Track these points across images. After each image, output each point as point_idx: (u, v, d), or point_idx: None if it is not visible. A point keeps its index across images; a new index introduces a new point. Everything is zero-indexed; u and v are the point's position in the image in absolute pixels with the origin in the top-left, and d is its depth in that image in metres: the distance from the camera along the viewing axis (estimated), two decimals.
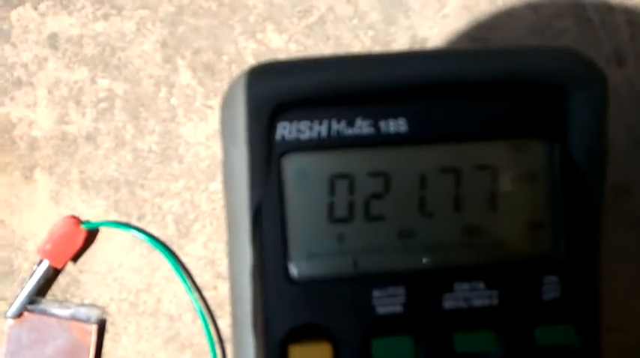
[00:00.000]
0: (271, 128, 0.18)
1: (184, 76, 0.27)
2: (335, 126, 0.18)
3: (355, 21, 0.27)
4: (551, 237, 0.19)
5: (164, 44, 0.27)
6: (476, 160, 0.19)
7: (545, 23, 0.27)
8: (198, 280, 0.27)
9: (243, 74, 0.17)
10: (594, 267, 0.19)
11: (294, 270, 0.19)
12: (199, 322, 0.26)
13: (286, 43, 0.27)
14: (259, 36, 0.27)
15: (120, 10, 0.27)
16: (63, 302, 0.26)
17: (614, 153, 0.28)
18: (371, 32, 0.27)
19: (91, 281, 0.27)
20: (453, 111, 0.18)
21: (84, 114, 0.27)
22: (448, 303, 0.18)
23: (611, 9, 0.28)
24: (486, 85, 0.18)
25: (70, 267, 0.27)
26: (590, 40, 0.27)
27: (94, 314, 0.26)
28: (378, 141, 0.18)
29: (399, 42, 0.27)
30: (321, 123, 0.18)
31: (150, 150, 0.27)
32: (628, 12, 0.28)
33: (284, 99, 0.18)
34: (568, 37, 0.27)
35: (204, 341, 0.26)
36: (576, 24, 0.27)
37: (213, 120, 0.27)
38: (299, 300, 0.18)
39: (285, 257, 0.18)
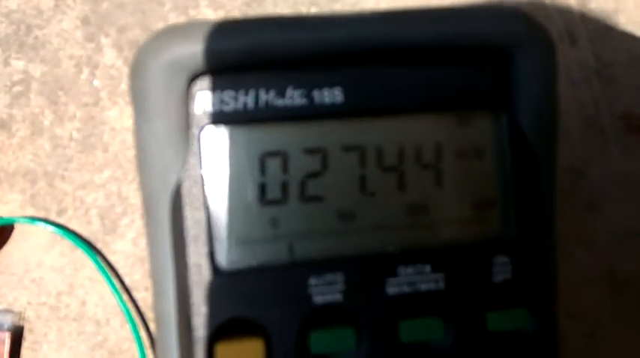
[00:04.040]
0: (189, 98, 0.16)
1: (109, 56, 0.25)
2: (263, 96, 0.16)
3: None
4: (501, 215, 0.17)
5: (86, 21, 0.25)
6: (419, 134, 0.17)
7: (498, 0, 0.26)
8: (127, 280, 0.24)
9: (153, 37, 0.15)
10: (547, 246, 0.17)
11: (220, 259, 0.17)
12: (129, 326, 0.24)
13: None
14: (192, 12, 0.25)
15: None
16: None
17: (568, 134, 0.28)
18: (314, 8, 0.25)
19: (6, 284, 0.24)
20: (392, 80, 0.17)
21: None
22: (392, 289, 0.17)
23: None
24: (426, 49, 0.16)
25: None
26: (540, 18, 0.27)
27: (8, 320, 0.23)
28: (312, 113, 0.17)
29: None
30: (247, 93, 0.16)
31: (71, 138, 0.24)
32: None
33: (203, 66, 0.16)
34: None
35: (135, 347, 0.24)
36: (525, 2, 0.27)
37: None
38: (226, 292, 0.16)
39: (209, 245, 0.16)
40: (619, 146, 0.27)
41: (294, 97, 0.17)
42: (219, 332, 0.16)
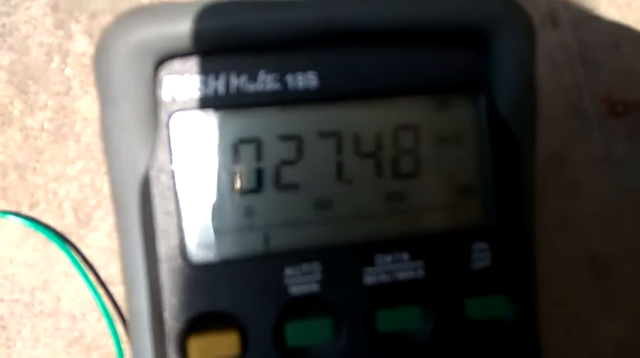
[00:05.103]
0: (156, 83, 0.15)
1: (80, 43, 0.24)
2: (234, 81, 0.16)
3: None
4: (480, 202, 0.17)
5: (55, 8, 0.24)
6: (396, 119, 0.17)
7: None
8: (102, 274, 0.24)
9: (119, 18, 0.15)
10: (527, 233, 0.17)
11: (192, 251, 0.16)
12: (105, 321, 0.23)
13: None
14: None
15: None
16: None
17: (551, 118, 0.28)
18: None
19: None
20: (368, 63, 0.16)
21: None
22: (369, 279, 0.16)
23: None
24: (402, 31, 0.16)
25: None
26: (524, 2, 0.26)
27: None
28: (286, 98, 0.16)
29: None
30: (217, 78, 0.16)
31: (42, 129, 0.24)
32: None
33: (169, 49, 0.15)
34: None
35: (111, 342, 0.23)
36: None
37: None
38: (199, 285, 0.16)
39: (181, 236, 0.16)
40: (601, 129, 0.26)
41: (266, 82, 0.16)
42: (192, 326, 0.16)
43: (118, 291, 0.24)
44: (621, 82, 0.27)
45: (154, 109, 0.15)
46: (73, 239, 0.24)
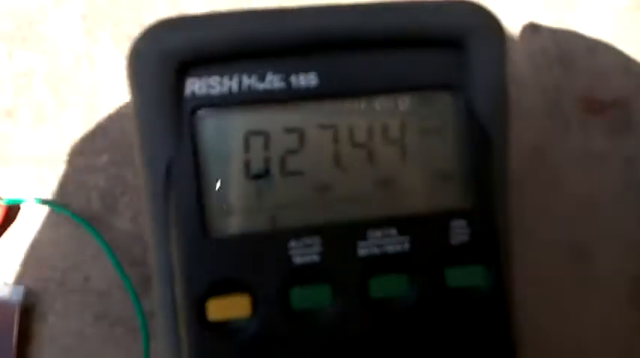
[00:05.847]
0: (180, 84, 0.18)
1: (106, 49, 0.26)
2: (246, 81, 0.18)
3: None
4: (458, 186, 0.19)
5: (84, 17, 0.26)
6: (385, 113, 0.19)
7: None
8: (126, 254, 0.26)
9: (146, 30, 0.17)
10: (500, 213, 0.19)
11: (211, 227, 0.19)
12: (129, 297, 0.26)
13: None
14: (182, 5, 0.27)
15: None
16: None
17: (532, 116, 0.30)
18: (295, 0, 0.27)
19: (15, 261, 0.26)
20: (361, 65, 0.19)
21: (2, 89, 0.26)
22: (362, 251, 0.19)
23: None
24: (390, 38, 0.18)
25: None
26: (504, 8, 0.29)
27: (18, 293, 0.25)
28: (290, 96, 0.19)
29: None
30: (231, 78, 0.18)
31: (72, 125, 0.26)
32: None
33: (191, 55, 0.18)
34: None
35: (135, 316, 0.26)
36: None
37: None
38: (217, 256, 0.18)
39: (201, 214, 0.18)
40: (578, 127, 0.29)
41: (273, 82, 0.19)
42: (210, 291, 0.18)
43: (141, 271, 0.26)
44: (598, 82, 0.30)
45: (178, 106, 0.18)
46: (100, 224, 0.26)
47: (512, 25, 0.29)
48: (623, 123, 0.29)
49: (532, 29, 0.29)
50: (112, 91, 0.26)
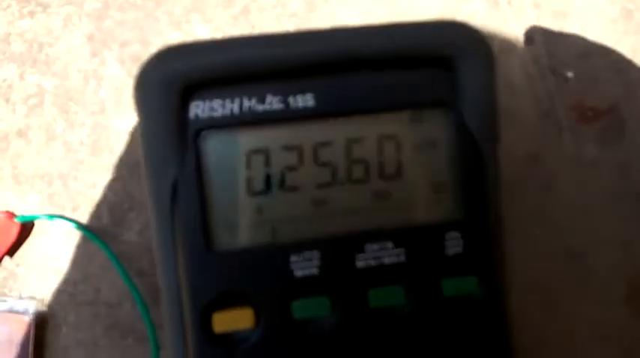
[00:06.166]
0: (184, 107, 0.19)
1: (113, 69, 0.27)
2: (246, 103, 0.19)
3: (278, 9, 0.28)
4: (452, 199, 0.20)
5: (91, 38, 0.28)
6: (380, 130, 0.20)
7: (455, 7, 0.29)
8: (135, 266, 0.27)
9: (152, 56, 0.18)
10: (493, 224, 0.20)
11: (215, 242, 0.19)
12: (138, 308, 0.27)
13: (212, 33, 0.28)
14: (185, 27, 0.28)
15: (45, 7, 0.28)
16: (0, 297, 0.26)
17: (526, 124, 0.31)
18: (294, 19, 0.28)
19: (29, 274, 0.27)
20: (355, 85, 0.20)
21: (14, 110, 0.27)
22: (360, 263, 0.20)
23: None
24: (383, 59, 0.19)
25: (7, 261, 0.27)
26: (499, 20, 0.29)
27: (32, 306, 0.26)
28: (288, 116, 0.20)
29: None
30: (232, 101, 0.19)
31: (81, 143, 0.27)
32: None
33: (194, 80, 0.19)
34: (478, 19, 0.29)
35: (144, 327, 0.27)
36: (485, 7, 0.29)
37: None
38: (220, 270, 0.19)
39: (205, 230, 0.19)
40: (571, 134, 0.29)
41: (272, 103, 0.19)
42: (215, 303, 0.19)
43: (149, 282, 0.27)
44: (590, 90, 0.30)
45: (182, 128, 0.19)
46: (110, 237, 0.27)
47: (506, 35, 0.30)
48: (615, 130, 0.29)
49: (525, 39, 0.29)
50: (119, 110, 0.27)
